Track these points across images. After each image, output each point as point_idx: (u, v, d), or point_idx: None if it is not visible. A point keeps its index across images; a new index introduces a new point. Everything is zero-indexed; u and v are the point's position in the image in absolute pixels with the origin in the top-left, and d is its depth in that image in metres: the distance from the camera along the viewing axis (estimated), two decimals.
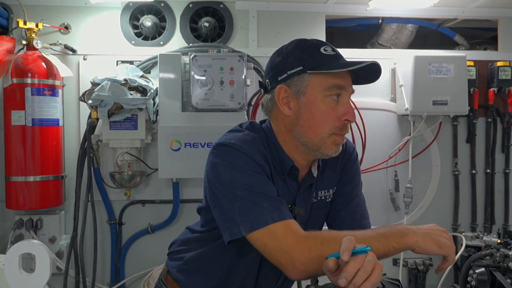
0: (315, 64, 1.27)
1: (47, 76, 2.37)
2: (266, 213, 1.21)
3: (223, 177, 1.27)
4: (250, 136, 1.35)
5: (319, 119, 1.29)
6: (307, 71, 1.28)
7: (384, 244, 1.18)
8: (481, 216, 2.86)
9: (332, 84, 1.27)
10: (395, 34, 2.98)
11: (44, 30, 2.50)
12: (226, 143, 1.31)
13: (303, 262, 1.16)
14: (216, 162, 1.30)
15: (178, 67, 2.38)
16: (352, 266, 0.96)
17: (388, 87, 2.77)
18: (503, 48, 2.85)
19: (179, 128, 2.36)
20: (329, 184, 1.48)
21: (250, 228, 1.21)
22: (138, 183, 2.51)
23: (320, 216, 1.51)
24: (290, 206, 1.39)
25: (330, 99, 1.28)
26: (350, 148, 1.55)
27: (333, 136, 1.30)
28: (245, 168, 1.26)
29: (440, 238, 1.21)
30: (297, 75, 1.30)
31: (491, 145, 2.84)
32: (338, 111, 1.28)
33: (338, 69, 1.25)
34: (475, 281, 2.30)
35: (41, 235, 2.50)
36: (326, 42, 1.34)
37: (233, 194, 1.24)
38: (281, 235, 1.19)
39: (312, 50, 1.30)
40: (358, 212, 1.51)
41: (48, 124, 2.38)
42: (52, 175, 2.41)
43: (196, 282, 1.49)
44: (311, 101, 1.30)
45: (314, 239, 1.18)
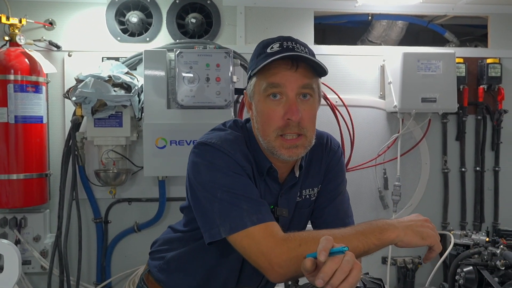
0: (256, 65, 1.25)
1: (30, 72, 2.33)
2: (245, 216, 1.19)
3: (203, 177, 1.25)
4: (232, 135, 1.33)
5: (264, 121, 1.27)
6: (251, 74, 1.29)
7: (363, 242, 1.17)
8: (471, 214, 2.84)
9: (267, 84, 1.24)
10: (385, 31, 2.95)
11: (28, 26, 2.47)
12: (207, 142, 1.29)
13: (281, 265, 1.14)
14: (196, 161, 1.28)
15: (163, 64, 2.35)
16: (329, 266, 0.94)
17: (377, 84, 2.75)
18: (493, 45, 2.83)
19: (165, 125, 2.33)
20: (314, 182, 1.46)
21: (229, 230, 1.19)
22: (124, 181, 2.48)
23: (304, 215, 1.49)
24: (273, 207, 1.38)
25: (269, 100, 1.25)
26: (334, 145, 1.53)
27: (279, 138, 1.26)
28: (225, 169, 1.24)
29: (422, 229, 1.19)
30: (249, 79, 1.32)
31: (481, 143, 2.82)
32: (280, 111, 1.24)
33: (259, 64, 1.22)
34: (462, 280, 2.28)
35: (25, 234, 2.47)
36: (287, 37, 1.28)
37: (213, 195, 1.22)
38: (260, 238, 1.17)
39: (260, 51, 1.28)
40: (342, 210, 1.49)
41: (31, 121, 2.34)
42: (35, 173, 2.38)
43: (177, 282, 1.47)
44: (257, 103, 1.29)
45: (292, 241, 1.16)
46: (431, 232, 1.19)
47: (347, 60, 2.73)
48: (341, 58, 2.73)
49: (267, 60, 1.21)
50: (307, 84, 1.24)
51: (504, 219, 2.84)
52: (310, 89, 1.25)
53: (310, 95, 1.26)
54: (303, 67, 1.23)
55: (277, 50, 1.23)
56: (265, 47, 1.27)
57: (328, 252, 0.96)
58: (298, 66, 1.22)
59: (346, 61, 2.73)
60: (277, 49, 1.24)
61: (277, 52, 1.23)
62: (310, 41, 2.70)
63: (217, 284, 1.41)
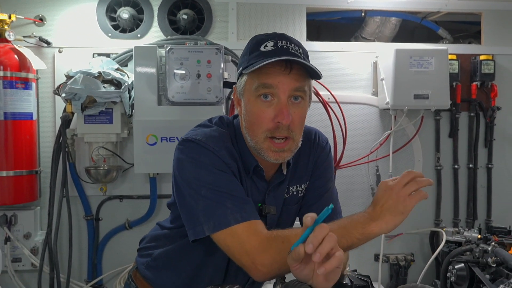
0: (248, 63, 1.23)
1: (20, 69, 2.31)
2: (229, 214, 1.18)
3: (188, 174, 1.24)
4: (217, 132, 1.31)
5: (253, 121, 1.25)
6: (242, 72, 1.26)
7: (346, 237, 1.16)
8: (464, 211, 2.83)
9: (259, 83, 1.22)
10: (379, 27, 2.94)
11: (18, 22, 2.45)
12: (191, 139, 1.27)
13: (265, 264, 1.14)
14: (181, 158, 1.27)
15: (154, 60, 2.34)
16: (318, 232, 0.94)
17: (370, 81, 2.73)
18: (486, 42, 2.81)
19: (155, 122, 2.31)
20: (301, 179, 1.45)
21: (213, 228, 1.19)
22: (115, 178, 2.47)
23: (292, 211, 1.48)
24: (260, 205, 1.37)
25: (260, 100, 1.23)
26: (323, 141, 1.51)
27: (268, 140, 1.24)
28: (210, 166, 1.23)
29: (398, 206, 1.16)
30: (240, 75, 1.29)
31: (474, 140, 2.81)
32: (270, 113, 1.22)
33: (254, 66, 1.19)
34: (454, 277, 2.28)
35: (15, 231, 2.46)
36: (281, 34, 1.26)
37: (197, 192, 1.21)
38: (244, 237, 1.17)
39: (253, 48, 1.26)
40: None
41: (21, 118, 2.33)
42: (25, 170, 2.36)
43: (164, 279, 1.47)
44: (247, 102, 1.27)
45: (275, 239, 1.15)
46: (406, 202, 1.16)
47: (340, 57, 2.72)
48: (334, 54, 2.71)
49: (261, 60, 1.19)
50: (299, 87, 1.23)
51: (496, 216, 2.83)
52: (302, 92, 1.24)
53: (302, 98, 1.25)
54: (297, 69, 1.21)
55: (272, 49, 1.22)
56: (258, 44, 1.25)
57: (314, 219, 0.95)
58: (292, 68, 1.20)
59: (339, 58, 2.72)
60: (271, 48, 1.22)
61: (271, 52, 1.21)
62: (302, 37, 2.68)
63: (203, 282, 1.40)
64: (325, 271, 0.94)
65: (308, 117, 2.62)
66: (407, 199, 1.17)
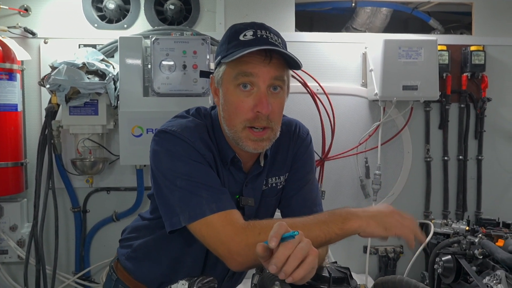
0: (227, 53, 1.22)
1: (4, 59, 2.29)
2: (204, 204, 1.18)
3: (163, 165, 1.24)
4: (193, 123, 1.31)
5: (232, 111, 1.24)
6: (221, 61, 1.24)
7: (325, 231, 1.16)
8: (453, 203, 2.82)
9: (239, 72, 1.21)
10: (369, 18, 2.91)
11: (2, 12, 2.43)
12: (167, 130, 1.27)
13: (241, 253, 1.14)
14: (156, 149, 1.27)
15: (139, 51, 2.31)
16: (281, 252, 0.94)
17: (359, 72, 2.71)
18: (477, 32, 2.78)
19: (141, 113, 2.29)
20: (280, 170, 1.44)
21: (188, 219, 1.19)
22: (101, 169, 2.45)
23: (271, 203, 1.47)
24: (238, 197, 1.37)
25: (239, 90, 1.22)
26: (303, 133, 1.50)
27: (247, 130, 1.24)
28: (185, 157, 1.23)
29: (387, 219, 1.17)
30: (217, 65, 1.28)
31: (464, 131, 2.79)
32: (249, 102, 1.22)
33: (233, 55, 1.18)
34: (441, 269, 2.27)
35: (1, 223, 2.45)
36: (260, 24, 1.26)
37: (173, 183, 1.21)
38: (219, 226, 1.17)
39: (231, 37, 1.24)
40: (310, 199, 1.47)
41: (5, 109, 2.31)
42: (11, 162, 2.35)
43: (144, 271, 1.48)
44: (225, 92, 1.26)
45: (251, 229, 1.15)
46: (395, 223, 1.18)
47: (329, 48, 2.69)
48: (323, 45, 2.68)
49: (240, 49, 1.18)
50: (279, 76, 1.23)
51: (486, 208, 2.82)
52: (281, 81, 1.24)
53: (280, 88, 1.25)
54: (277, 59, 1.21)
55: (251, 38, 1.21)
56: (237, 33, 1.24)
57: (279, 237, 0.95)
58: (272, 58, 1.20)
59: (328, 49, 2.69)
60: (251, 37, 1.21)
61: (251, 41, 1.20)
62: (291, 28, 2.66)
63: (181, 273, 1.40)
64: (292, 280, 0.94)
65: (296, 108, 2.62)
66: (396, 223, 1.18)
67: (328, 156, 2.62)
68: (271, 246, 0.93)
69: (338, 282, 1.20)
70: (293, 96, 2.63)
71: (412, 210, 2.78)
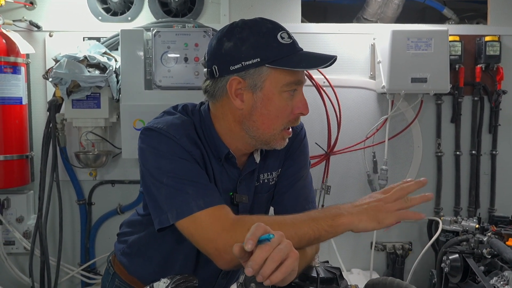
0: (274, 57, 1.16)
1: (8, 53, 2.31)
2: (191, 201, 1.16)
3: (150, 163, 1.23)
4: (179, 119, 1.28)
5: (274, 115, 1.22)
6: (266, 65, 1.17)
7: (314, 228, 1.14)
8: (465, 199, 2.72)
9: (292, 81, 1.19)
10: (381, 8, 2.82)
11: (8, 6, 2.45)
12: (152, 127, 1.25)
13: (228, 251, 1.10)
14: (143, 147, 1.25)
15: (140, 44, 2.30)
16: (258, 254, 0.91)
17: (368, 63, 2.63)
18: (493, 22, 2.66)
19: (142, 106, 2.28)
20: (272, 166, 1.41)
21: (176, 216, 1.17)
22: (104, 163, 2.46)
23: (263, 200, 1.45)
24: (232, 194, 1.34)
25: (286, 94, 1.20)
26: (297, 127, 1.46)
27: (283, 131, 1.25)
28: (170, 154, 1.21)
29: (379, 212, 1.15)
30: (254, 68, 1.17)
31: (478, 125, 2.68)
32: (292, 105, 1.21)
33: (301, 67, 1.19)
34: (448, 267, 2.20)
35: (8, 215, 2.49)
36: (279, 24, 1.22)
37: (159, 181, 1.20)
38: (207, 224, 1.15)
39: (269, 38, 1.18)
40: (303, 195, 1.44)
41: (9, 102, 2.33)
42: (16, 154, 2.38)
43: (137, 267, 1.47)
44: (268, 97, 1.20)
45: (241, 226, 1.13)
46: (387, 214, 1.15)
47: (336, 39, 2.62)
48: (330, 36, 2.62)
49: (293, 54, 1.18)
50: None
51: (501, 205, 2.72)
52: None
53: None
54: None
55: (290, 42, 1.20)
56: (270, 34, 1.19)
57: (255, 240, 0.92)
58: None
59: (335, 40, 2.62)
60: (288, 40, 1.20)
61: (292, 45, 1.20)
62: (297, 19, 2.60)
63: (174, 270, 1.39)
64: (270, 283, 0.91)
65: None
66: (390, 213, 1.16)
67: (334, 150, 2.56)
68: (247, 249, 0.91)
69: (326, 282, 1.17)
70: None
71: (422, 206, 2.64)
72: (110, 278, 1.52)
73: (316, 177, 2.61)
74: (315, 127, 2.58)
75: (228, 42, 1.19)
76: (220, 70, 1.21)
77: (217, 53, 1.21)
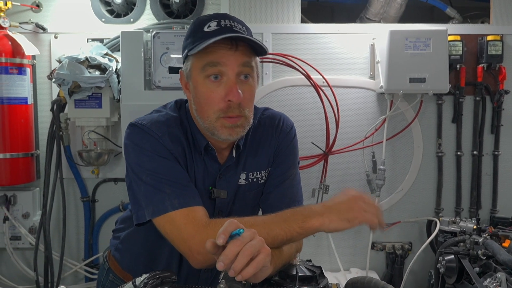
0: (193, 44, 1.21)
1: (14, 55, 2.39)
2: (166, 200, 1.20)
3: (132, 159, 1.27)
4: (165, 117, 1.32)
5: (203, 103, 1.24)
6: (188, 54, 1.23)
7: (286, 230, 1.16)
8: (467, 200, 2.70)
9: (206, 62, 1.20)
10: (383, 7, 2.81)
11: (15, 8, 2.53)
12: (137, 124, 1.29)
13: (201, 251, 1.14)
14: (126, 143, 1.29)
15: (140, 45, 2.34)
16: (229, 249, 0.94)
17: (367, 63, 2.63)
18: (495, 21, 2.63)
19: (142, 106, 2.30)
20: (261, 165, 1.43)
21: (152, 213, 1.21)
22: (106, 161, 2.52)
23: (249, 198, 1.46)
24: (211, 188, 1.36)
25: (209, 81, 1.21)
26: (286, 127, 1.47)
27: (221, 119, 1.23)
28: (151, 152, 1.24)
29: (348, 212, 1.16)
30: (185, 59, 1.27)
31: (479, 125, 2.65)
32: (220, 92, 1.21)
33: (201, 46, 1.16)
34: (443, 268, 2.19)
35: (15, 211, 2.58)
36: (223, 15, 1.24)
37: (139, 178, 1.24)
38: (180, 224, 1.18)
39: (195, 29, 1.23)
40: (288, 195, 1.44)
41: (15, 102, 2.41)
42: (21, 152, 2.46)
43: (127, 263, 1.51)
44: (195, 84, 1.25)
45: (213, 228, 1.16)
46: (358, 213, 1.16)
47: (336, 39, 2.62)
48: (329, 36, 2.62)
49: (206, 40, 1.17)
50: (246, 62, 1.22)
51: (503, 206, 2.68)
52: (249, 68, 1.23)
53: (250, 75, 1.24)
54: (243, 46, 1.21)
55: (215, 29, 1.20)
56: (201, 25, 1.23)
57: (227, 235, 0.95)
58: (238, 45, 1.20)
59: (335, 40, 2.62)
60: (215, 28, 1.20)
61: (215, 32, 1.19)
62: (296, 19, 2.61)
63: (161, 265, 1.42)
64: (241, 278, 0.94)
65: (301, 102, 2.58)
66: (360, 212, 1.17)
67: (332, 150, 2.57)
68: (218, 243, 0.94)
69: (306, 280, 1.19)
70: (297, 88, 2.60)
71: (422, 206, 2.70)
72: (105, 273, 1.57)
73: (314, 176, 2.62)
74: (314, 127, 2.60)
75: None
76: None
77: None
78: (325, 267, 2.67)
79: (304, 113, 2.61)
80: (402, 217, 2.68)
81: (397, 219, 2.68)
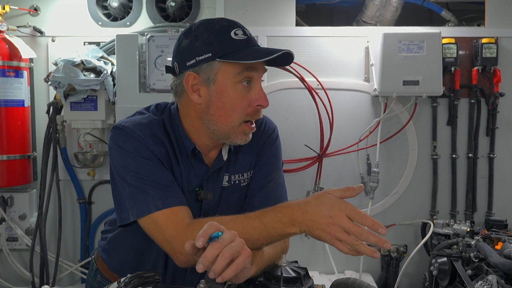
0: (225, 52, 1.21)
1: (11, 58, 2.42)
2: (150, 201, 1.21)
3: (115, 161, 1.28)
4: (147, 119, 1.33)
5: (229, 107, 1.24)
6: (217, 59, 1.21)
7: (266, 238, 1.17)
8: (462, 203, 2.70)
9: (243, 70, 1.22)
10: (379, 10, 2.83)
11: (13, 12, 2.56)
12: (120, 126, 1.31)
13: (183, 252, 1.14)
14: (110, 145, 1.31)
15: (135, 48, 2.37)
16: (208, 251, 0.95)
17: (362, 66, 2.64)
18: (490, 24, 2.63)
19: (137, 108, 2.26)
20: (243, 167, 1.43)
21: (136, 215, 1.23)
22: (102, 163, 2.54)
23: (233, 200, 1.45)
24: (198, 190, 1.37)
25: (241, 86, 1.23)
26: (269, 129, 1.48)
27: (243, 125, 1.26)
28: (134, 154, 1.26)
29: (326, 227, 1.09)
30: (206, 62, 1.23)
31: (474, 128, 2.66)
32: (249, 97, 1.24)
33: (250, 59, 1.20)
34: (436, 271, 2.19)
35: (12, 212, 2.60)
36: (237, 23, 1.26)
37: (123, 179, 1.25)
38: (163, 224, 1.20)
39: (221, 35, 1.23)
40: (272, 198, 1.43)
41: (12, 105, 2.44)
42: (18, 154, 2.48)
43: (114, 263, 1.52)
44: (221, 89, 1.24)
45: (195, 229, 1.15)
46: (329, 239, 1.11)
47: (331, 42, 2.63)
48: (324, 39, 2.63)
49: (243, 49, 1.20)
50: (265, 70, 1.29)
51: (498, 209, 2.68)
52: None
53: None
54: None
55: (244, 38, 1.23)
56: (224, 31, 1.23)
57: (206, 237, 0.96)
58: None
59: (329, 43, 2.63)
60: (243, 36, 1.23)
61: (247, 41, 1.22)
62: (291, 23, 2.63)
63: (147, 266, 1.43)
64: (222, 280, 0.95)
65: (294, 104, 2.60)
66: (332, 240, 1.11)
67: (326, 153, 2.58)
68: (198, 245, 0.94)
69: (290, 281, 1.20)
70: (292, 91, 2.61)
71: (417, 209, 2.69)
72: (93, 274, 1.58)
73: (309, 179, 2.63)
74: (308, 130, 2.61)
75: (185, 39, 1.27)
76: (179, 67, 1.27)
77: (177, 51, 1.30)
78: (320, 270, 2.70)
79: (299, 115, 2.62)
80: (398, 220, 2.68)
81: (393, 221, 2.68)
